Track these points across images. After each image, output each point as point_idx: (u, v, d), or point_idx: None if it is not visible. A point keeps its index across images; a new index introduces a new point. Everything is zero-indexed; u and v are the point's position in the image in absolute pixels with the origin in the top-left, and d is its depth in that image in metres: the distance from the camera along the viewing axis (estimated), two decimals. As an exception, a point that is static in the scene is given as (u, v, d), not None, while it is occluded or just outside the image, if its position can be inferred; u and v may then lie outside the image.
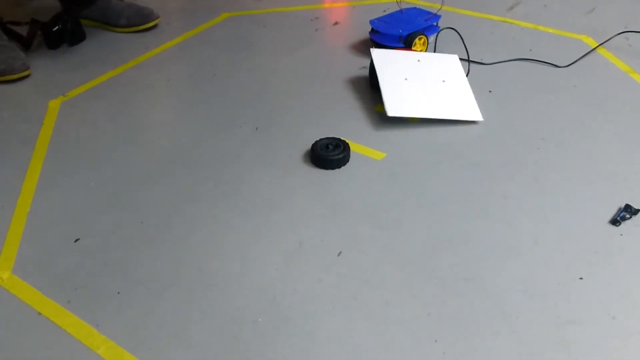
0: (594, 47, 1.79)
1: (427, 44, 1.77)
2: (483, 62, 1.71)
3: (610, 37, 1.81)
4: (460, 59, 1.64)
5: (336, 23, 1.96)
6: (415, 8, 1.87)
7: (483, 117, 1.48)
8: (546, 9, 2.04)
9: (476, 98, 1.54)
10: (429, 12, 1.84)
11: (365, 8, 2.07)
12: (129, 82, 1.66)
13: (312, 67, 1.71)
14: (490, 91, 1.60)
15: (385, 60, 1.58)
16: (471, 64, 1.69)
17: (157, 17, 1.94)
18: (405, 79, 1.55)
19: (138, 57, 1.77)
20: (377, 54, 1.58)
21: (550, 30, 1.90)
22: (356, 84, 1.62)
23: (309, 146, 1.36)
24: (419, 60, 1.60)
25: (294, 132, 1.45)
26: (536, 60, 1.71)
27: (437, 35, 1.73)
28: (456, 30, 1.70)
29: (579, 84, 1.62)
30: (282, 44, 1.84)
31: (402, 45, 1.72)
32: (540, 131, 1.44)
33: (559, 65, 1.69)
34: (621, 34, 1.83)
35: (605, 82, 1.63)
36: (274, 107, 1.54)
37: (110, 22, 1.93)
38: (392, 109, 1.47)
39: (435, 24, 1.81)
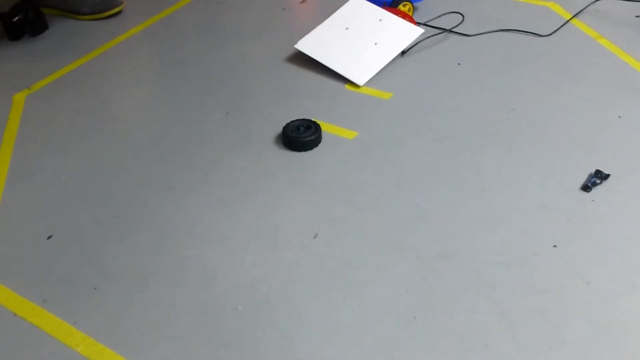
0: (560, 13, 1.80)
1: (413, 10, 1.77)
2: (465, 33, 1.71)
3: (582, 8, 1.81)
4: (444, 29, 1.68)
5: (303, 1, 1.94)
6: None
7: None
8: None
9: (444, 71, 1.55)
10: None
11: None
12: (95, 71, 1.63)
13: (281, 47, 1.69)
14: (459, 63, 1.59)
15: (355, 8, 1.68)
16: (451, 36, 1.69)
17: (121, 3, 1.91)
18: (346, 28, 1.63)
19: (103, 45, 1.74)
20: (355, 1, 1.69)
21: (517, -1, 1.90)
22: (325, 66, 1.60)
23: (281, 129, 1.35)
24: (380, 20, 1.64)
25: (265, 114, 1.44)
26: (518, 31, 1.71)
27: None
28: (459, 14, 1.69)
29: (547, 52, 1.63)
30: (249, 25, 1.82)
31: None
32: (510, 101, 1.45)
33: (541, 34, 1.69)
34: (591, 2, 1.84)
35: (573, 49, 1.64)
36: (244, 90, 1.53)
37: (73, 9, 1.89)
38: (303, 45, 1.63)
39: None
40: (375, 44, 1.61)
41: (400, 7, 1.74)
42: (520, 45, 1.66)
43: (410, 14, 1.76)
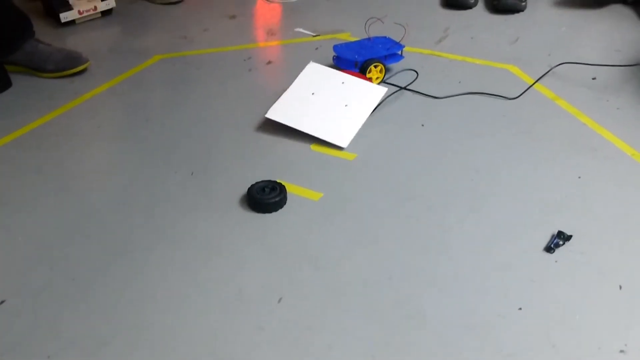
0: (520, 75, 1.85)
1: (385, 71, 1.79)
2: (433, 95, 1.74)
3: (540, 70, 1.87)
4: (412, 91, 1.72)
5: (269, 62, 1.96)
6: (385, 37, 1.90)
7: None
8: (473, 41, 2.10)
9: (407, 132, 1.57)
10: (395, 42, 1.87)
11: (298, 46, 2.08)
12: (57, 130, 1.61)
13: (246, 107, 1.70)
14: (422, 125, 1.62)
15: (314, 73, 1.68)
16: (416, 97, 1.72)
17: (87, 61, 1.90)
18: (312, 93, 1.63)
19: (67, 104, 1.72)
20: (312, 67, 1.69)
21: (478, 62, 1.95)
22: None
23: (246, 189, 1.34)
24: (343, 82, 1.66)
25: (230, 175, 1.43)
26: (485, 94, 1.75)
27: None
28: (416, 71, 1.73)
29: (508, 113, 1.67)
30: (215, 85, 1.83)
31: (357, 70, 1.76)
32: (473, 162, 1.47)
33: (508, 97, 1.73)
34: (550, 64, 1.90)
35: (533, 110, 1.68)
36: (210, 150, 1.52)
37: (38, 67, 1.88)
38: (274, 113, 1.60)
39: (399, 52, 1.85)
40: (346, 105, 1.62)
41: (372, 68, 1.76)
42: (481, 107, 1.70)
43: (382, 75, 1.79)
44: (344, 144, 1.53)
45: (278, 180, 1.36)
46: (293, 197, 1.35)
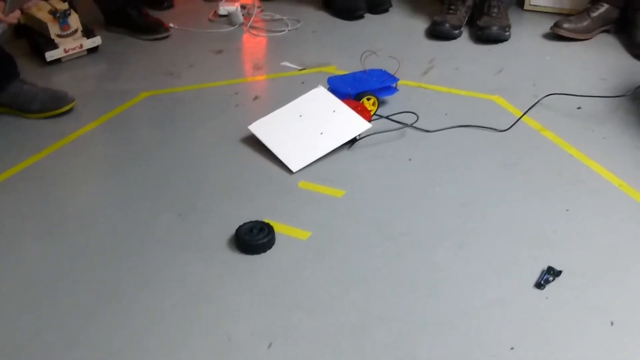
0: (505, 106, 1.86)
1: (378, 104, 1.81)
2: (424, 129, 1.74)
3: (525, 100, 1.88)
4: (404, 124, 1.74)
5: (256, 98, 1.96)
6: (380, 70, 1.91)
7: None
8: (458, 71, 2.11)
9: (396, 167, 1.58)
10: (390, 75, 1.88)
11: (284, 80, 2.09)
12: (43, 172, 1.60)
13: (234, 145, 1.70)
14: (410, 159, 1.62)
15: (315, 97, 1.75)
16: (405, 131, 1.73)
17: (73, 101, 1.90)
18: (300, 116, 1.71)
19: (53, 145, 1.71)
20: (318, 91, 1.77)
21: (464, 93, 1.96)
22: (279, 161, 1.61)
23: (234, 230, 1.33)
24: (334, 111, 1.71)
25: (218, 215, 1.42)
26: (475, 126, 1.75)
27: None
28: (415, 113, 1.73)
29: (495, 146, 1.67)
30: (203, 122, 1.82)
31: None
32: (461, 197, 1.47)
33: (498, 129, 1.73)
34: (535, 94, 1.91)
35: (519, 142, 1.69)
36: (197, 190, 1.52)
37: (23, 108, 1.87)
38: (255, 127, 1.69)
39: (394, 85, 1.86)
40: (321, 133, 1.66)
41: (364, 100, 1.77)
42: (468, 139, 1.70)
43: (375, 107, 1.80)
44: (293, 168, 1.57)
45: (266, 220, 1.36)
46: (281, 236, 1.34)
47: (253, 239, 1.29)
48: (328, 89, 1.81)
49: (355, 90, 1.80)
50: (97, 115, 1.87)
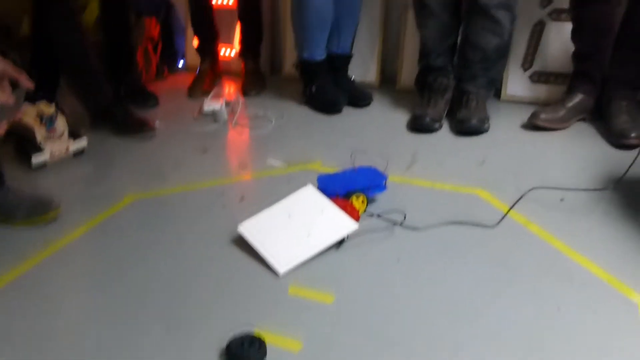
0: (490, 200, 1.88)
1: (367, 202, 1.82)
2: (410, 226, 1.75)
3: (511, 193, 1.90)
4: (390, 220, 1.75)
5: (242, 198, 1.97)
6: (370, 168, 1.95)
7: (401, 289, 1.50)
8: (441, 165, 2.14)
9: (385, 268, 1.58)
10: (379, 173, 1.90)
11: (270, 179, 2.10)
12: (24, 286, 1.56)
13: (222, 249, 1.69)
14: (398, 260, 1.62)
15: (304, 197, 1.78)
16: (392, 230, 1.74)
17: (58, 207, 1.89)
18: (289, 215, 1.73)
19: (36, 255, 1.69)
20: (307, 190, 1.79)
21: (448, 187, 1.98)
22: (267, 266, 1.60)
23: (224, 343, 1.30)
24: (322, 211, 1.72)
25: (207, 327, 1.39)
26: (464, 223, 1.76)
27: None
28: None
29: (481, 243, 1.68)
30: (190, 226, 1.82)
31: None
32: (451, 298, 1.46)
33: (487, 225, 1.74)
34: (517, 186, 1.94)
35: (505, 237, 1.70)
36: (186, 299, 1.49)
37: (7, 216, 1.86)
38: (244, 228, 1.70)
39: (383, 183, 1.88)
40: (309, 234, 1.66)
41: (353, 199, 1.79)
42: (455, 237, 1.71)
43: (364, 206, 1.81)
44: (280, 271, 1.56)
45: (256, 331, 1.33)
46: (272, 349, 1.31)
47: (244, 353, 1.26)
48: (317, 188, 1.83)
49: (343, 189, 1.81)
50: (82, 222, 1.86)
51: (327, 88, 2.67)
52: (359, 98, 2.71)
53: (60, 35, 2.34)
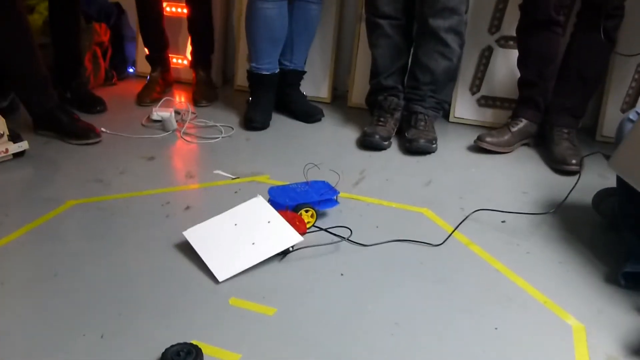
0: (434, 219, 1.91)
1: (316, 216, 1.82)
2: (360, 242, 1.76)
3: (454, 215, 1.93)
4: (337, 235, 1.76)
5: (188, 207, 1.94)
6: (323, 182, 1.95)
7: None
8: (388, 183, 2.17)
9: (328, 282, 1.58)
10: (331, 187, 1.91)
11: (217, 189, 2.08)
12: (-44, 289, 1.51)
13: (163, 258, 1.66)
14: (342, 274, 1.62)
15: (253, 207, 1.78)
16: (338, 245, 1.74)
17: None
18: (235, 224, 1.73)
19: (-32, 258, 1.63)
20: (256, 200, 1.79)
21: (394, 205, 2.00)
22: (209, 275, 1.58)
23: (159, 353, 1.28)
24: (269, 222, 1.72)
25: (144, 335, 1.36)
26: (410, 241, 1.78)
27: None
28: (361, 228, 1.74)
29: (424, 261, 1.69)
30: (131, 234, 1.78)
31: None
32: (393, 315, 1.47)
33: (432, 244, 1.76)
34: (462, 206, 1.97)
35: (448, 257, 1.72)
36: (123, 307, 1.46)
37: None
38: (190, 233, 1.70)
39: (334, 198, 1.89)
40: (253, 244, 1.66)
41: (302, 212, 1.79)
42: (400, 254, 1.72)
43: (314, 220, 1.81)
44: (220, 278, 1.57)
45: (194, 342, 1.31)
46: (209, 359, 1.29)
47: (180, 364, 1.24)
48: (268, 200, 1.82)
49: (293, 202, 1.82)
50: (18, 226, 1.80)
51: (258, 103, 2.66)
52: (309, 114, 2.71)
53: (4, 36, 2.27)
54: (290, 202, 1.82)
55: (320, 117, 2.73)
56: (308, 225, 1.80)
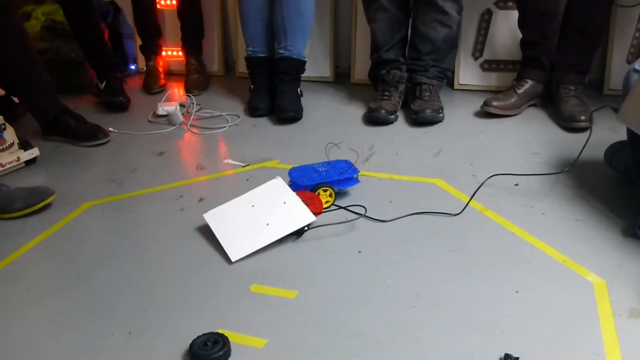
0: (446, 189, 1.91)
1: (335, 195, 1.83)
2: (381, 219, 1.76)
3: (471, 179, 1.95)
4: (360, 215, 1.76)
5: (201, 199, 1.96)
6: (345, 161, 1.95)
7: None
8: (398, 156, 2.16)
9: (347, 261, 1.59)
10: (351, 166, 1.91)
11: (228, 179, 2.10)
12: (-17, 299, 1.53)
13: (182, 251, 1.68)
14: (360, 251, 1.63)
15: (271, 188, 1.79)
16: (354, 223, 1.74)
17: (53, 193, 1.94)
18: (252, 206, 1.75)
19: (-7, 267, 1.66)
20: (275, 182, 1.81)
21: (406, 178, 2.00)
22: (229, 263, 1.60)
23: (187, 345, 1.30)
24: (284, 202, 1.73)
25: (170, 329, 1.38)
26: (429, 212, 1.78)
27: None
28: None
29: (440, 231, 1.70)
30: (147, 230, 1.80)
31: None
32: (413, 287, 1.47)
33: (451, 213, 1.76)
34: (473, 173, 1.97)
35: (463, 224, 1.72)
36: (147, 304, 1.48)
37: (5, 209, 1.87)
38: (209, 216, 1.74)
39: (355, 176, 1.90)
40: (267, 224, 1.68)
41: (321, 192, 1.80)
42: (414, 227, 1.73)
43: (332, 199, 1.83)
44: (233, 258, 1.60)
45: (220, 331, 1.33)
46: (237, 347, 1.31)
47: (207, 353, 1.26)
48: (289, 181, 1.84)
49: (311, 181, 1.83)
50: (37, 232, 1.82)
51: (261, 89, 2.64)
52: (282, 109, 2.54)
53: (2, 44, 2.27)
54: (308, 182, 1.83)
55: (295, 118, 2.54)
56: (327, 205, 1.80)
